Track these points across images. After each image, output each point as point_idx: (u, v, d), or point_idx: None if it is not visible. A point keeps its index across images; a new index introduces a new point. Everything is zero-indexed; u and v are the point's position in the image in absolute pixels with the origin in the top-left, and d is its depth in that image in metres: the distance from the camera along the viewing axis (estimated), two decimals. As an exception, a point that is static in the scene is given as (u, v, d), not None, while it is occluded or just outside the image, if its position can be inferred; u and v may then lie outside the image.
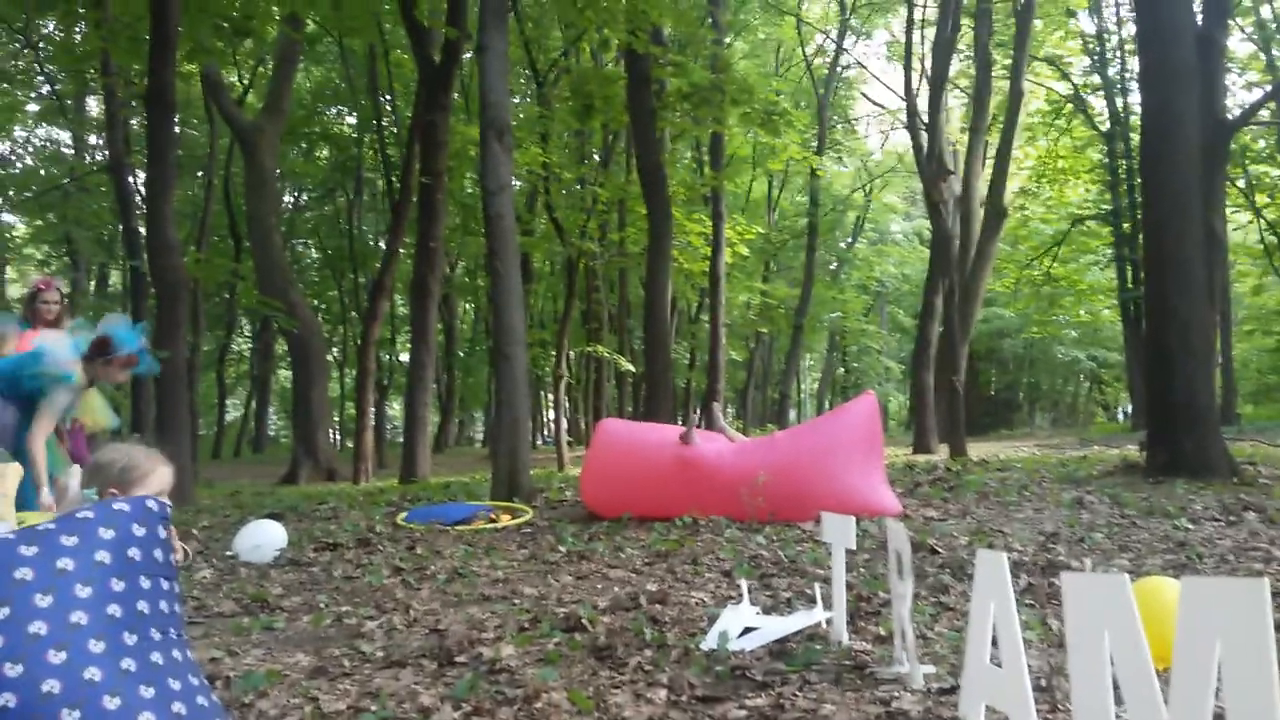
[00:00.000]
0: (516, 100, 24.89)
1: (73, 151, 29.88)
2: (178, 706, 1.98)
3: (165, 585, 2.16)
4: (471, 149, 17.65)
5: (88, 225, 26.37)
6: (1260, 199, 29.50)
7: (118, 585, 2.03)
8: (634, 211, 22.56)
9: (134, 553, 2.09)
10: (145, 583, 2.09)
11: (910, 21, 21.46)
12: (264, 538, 6.22)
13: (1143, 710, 1.67)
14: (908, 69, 20.93)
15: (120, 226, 18.93)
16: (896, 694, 2.82)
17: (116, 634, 1.97)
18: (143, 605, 2.06)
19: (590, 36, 19.02)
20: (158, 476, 2.52)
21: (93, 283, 35.12)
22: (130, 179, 19.56)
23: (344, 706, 2.95)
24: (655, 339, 16.01)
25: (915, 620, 3.52)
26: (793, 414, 38.82)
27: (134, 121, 22.37)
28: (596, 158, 24.57)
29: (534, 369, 24.36)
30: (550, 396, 35.80)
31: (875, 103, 36.73)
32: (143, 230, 13.96)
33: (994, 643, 2.33)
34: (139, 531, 2.13)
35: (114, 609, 1.99)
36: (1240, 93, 26.95)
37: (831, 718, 2.64)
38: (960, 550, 5.16)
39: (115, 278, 35.76)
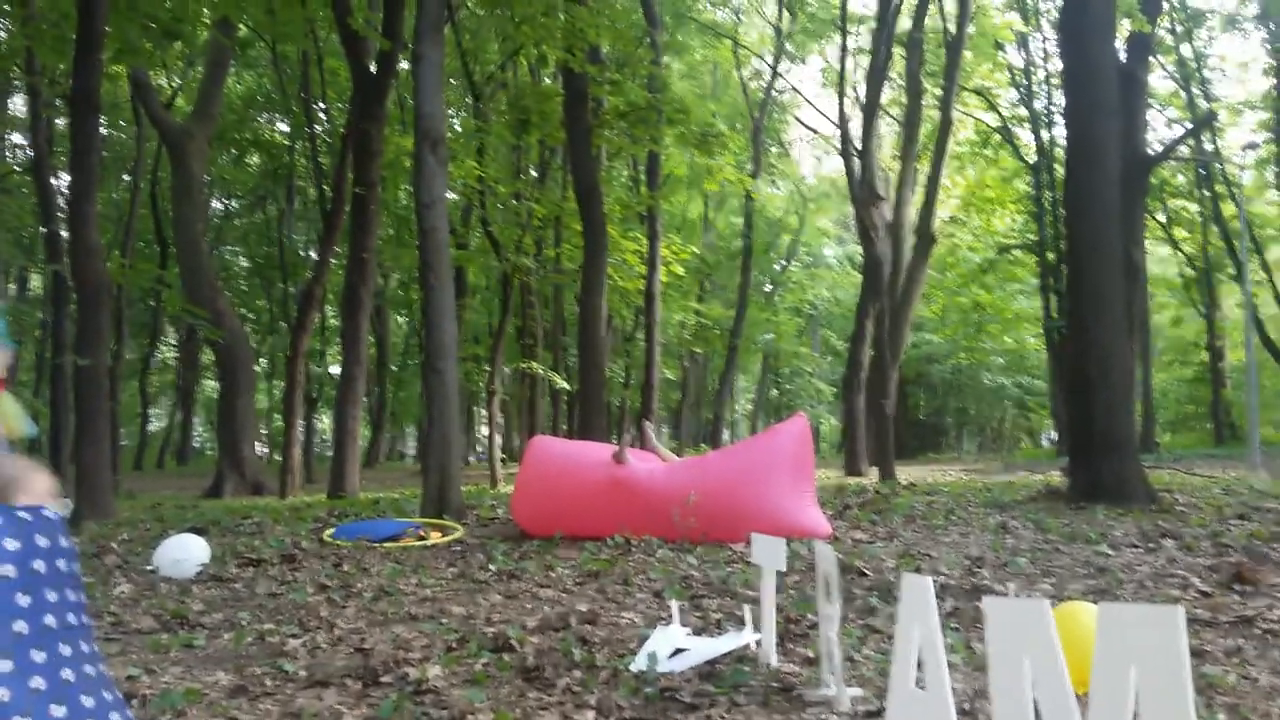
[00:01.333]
0: (452, 113, 24.77)
1: (-7, 151, 29.07)
2: None
3: (72, 597, 2.09)
4: (406, 160, 17.52)
5: (8, 227, 25.66)
6: (1179, 232, 30.51)
7: (23, 600, 1.96)
8: (570, 228, 22.56)
9: (39, 565, 2.03)
10: (52, 595, 2.03)
11: (844, 49, 21.80)
12: (185, 552, 6.07)
13: (1062, 734, 1.71)
14: (841, 95, 21.25)
15: (42, 229, 18.41)
16: (824, 716, 2.84)
17: (24, 651, 1.91)
18: (50, 620, 2.00)
19: (528, 51, 19.03)
20: (38, 489, 2.40)
21: (12, 286, 34.17)
22: (53, 180, 19.07)
23: (265, 727, 2.89)
24: (590, 357, 16.00)
25: (843, 642, 3.55)
26: (726, 434, 39.02)
27: (59, 121, 21.85)
28: (533, 173, 24.54)
29: (468, 384, 24.17)
30: (484, 413, 35.59)
31: (809, 127, 37.17)
32: (65, 233, 13.63)
33: (919, 666, 2.36)
34: (43, 543, 2.06)
35: (20, 626, 1.93)
36: (1161, 129, 27.85)
37: (759, 740, 2.65)
38: (888, 573, 5.22)
39: (36, 281, 34.84)
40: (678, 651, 3.58)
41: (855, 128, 21.43)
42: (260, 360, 34.75)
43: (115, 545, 7.17)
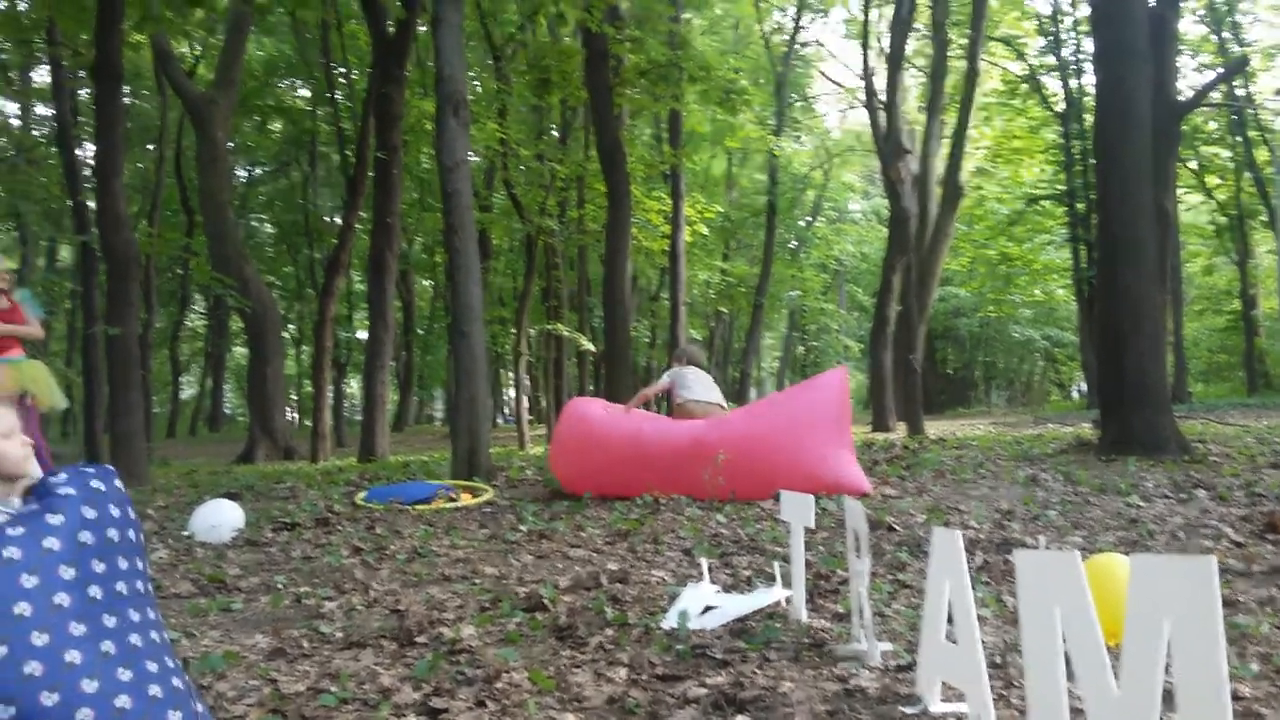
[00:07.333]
0: (473, 74, 24.64)
1: (20, 123, 29.21)
2: (154, 690, 1.98)
3: (140, 565, 2.16)
4: (428, 123, 17.47)
5: (36, 199, 25.84)
6: (1211, 180, 30.01)
7: (99, 567, 2.02)
8: (593, 188, 22.45)
9: (113, 534, 2.09)
10: (124, 564, 2.09)
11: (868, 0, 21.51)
12: (221, 518, 6.15)
13: (1094, 685, 1.71)
14: (865, 47, 20.98)
15: (69, 200, 18.54)
16: (854, 671, 2.85)
17: (97, 616, 1.97)
18: (122, 587, 2.06)
19: (547, 11, 18.88)
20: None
21: (42, 259, 34.46)
22: (79, 152, 19.18)
23: (303, 688, 2.93)
24: (615, 317, 15.99)
25: (873, 598, 3.57)
26: (753, 392, 38.98)
27: (83, 92, 21.91)
28: (555, 133, 24.40)
29: (493, 347, 24.25)
30: (511, 375, 35.68)
31: (833, 81, 36.94)
32: (92, 204, 13.72)
33: (950, 620, 2.36)
34: (116, 513, 2.12)
35: (95, 591, 1.99)
36: (1192, 75, 27.33)
37: (790, 695, 2.67)
38: (917, 528, 5.21)
39: (65, 253, 35.12)
40: (708, 609, 3.60)
41: (880, 80, 21.18)
42: (288, 326, 34.98)
43: (151, 512, 7.28)
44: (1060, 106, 28.88)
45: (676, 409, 7.89)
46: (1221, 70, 24.43)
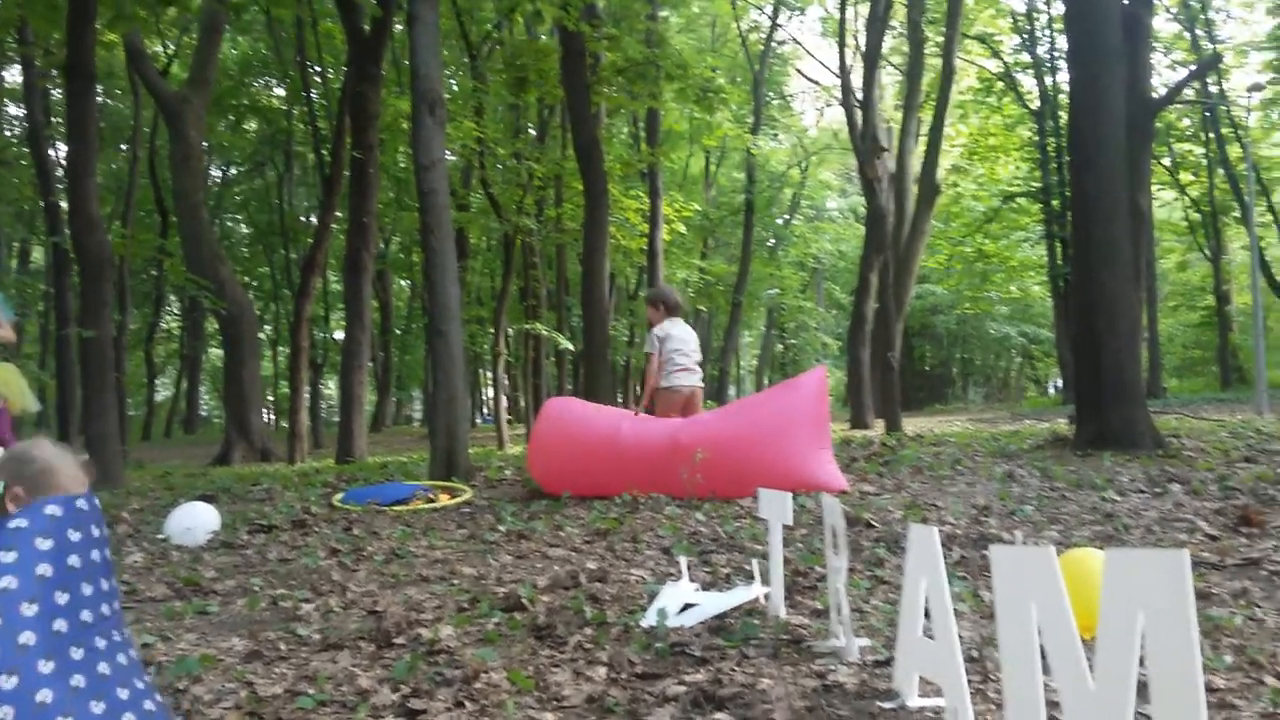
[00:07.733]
0: (449, 73, 24.58)
1: (-10, 123, 28.91)
2: (128, 717, 1.96)
3: (105, 586, 2.11)
4: (404, 122, 17.40)
5: (8, 200, 25.59)
6: (1184, 177, 30.28)
7: (61, 598, 1.98)
8: (571, 187, 22.44)
9: (74, 560, 2.04)
10: (87, 589, 2.04)
11: (844, -2, 21.57)
12: (196, 520, 6.11)
13: (1069, 679, 1.71)
14: (842, 45, 21.04)
15: (41, 201, 18.37)
16: (832, 667, 2.86)
17: (64, 650, 1.93)
18: (86, 615, 2.02)
19: (523, 9, 18.85)
20: (70, 482, 2.37)
21: (14, 260, 34.15)
22: (51, 152, 19.00)
23: (280, 690, 2.91)
24: (593, 316, 15.97)
25: (851, 594, 3.57)
26: (732, 390, 39.05)
27: (55, 92, 21.71)
28: (532, 132, 24.37)
29: (472, 347, 24.19)
30: (489, 374, 35.64)
31: (810, 79, 36.86)
32: (65, 205, 13.59)
33: (927, 615, 2.37)
34: (75, 537, 2.07)
35: (60, 624, 1.95)
36: (1165, 72, 27.57)
37: (768, 691, 2.67)
38: (895, 524, 5.23)
39: (38, 254, 34.82)
40: (687, 606, 3.60)
41: (856, 78, 21.24)
42: (264, 327, 34.79)
43: (126, 515, 7.22)
44: (1035, 104, 29.10)
45: (662, 393, 7.74)
46: (1194, 67, 24.65)
